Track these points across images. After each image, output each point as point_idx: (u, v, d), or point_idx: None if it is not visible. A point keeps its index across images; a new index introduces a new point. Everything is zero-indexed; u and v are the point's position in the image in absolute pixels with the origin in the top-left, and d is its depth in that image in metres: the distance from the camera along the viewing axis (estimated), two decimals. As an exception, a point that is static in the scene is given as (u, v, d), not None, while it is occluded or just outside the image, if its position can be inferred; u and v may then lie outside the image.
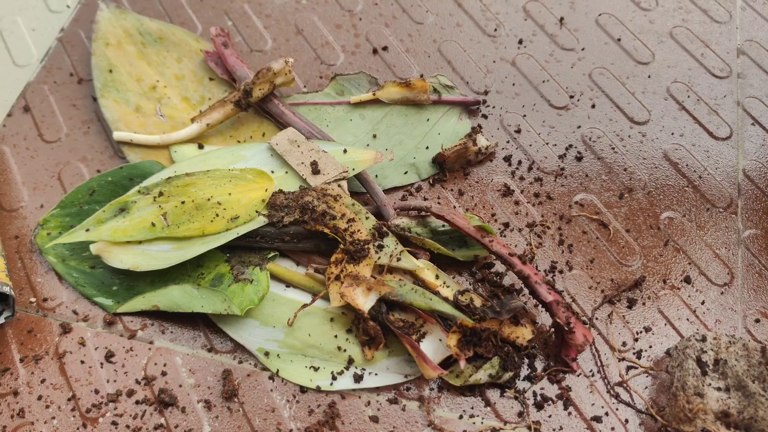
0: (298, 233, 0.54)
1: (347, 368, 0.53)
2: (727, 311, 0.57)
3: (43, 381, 0.53)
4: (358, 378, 0.53)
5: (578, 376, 0.54)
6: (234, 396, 0.53)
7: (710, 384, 0.51)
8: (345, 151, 0.59)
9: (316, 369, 0.53)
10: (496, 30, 0.73)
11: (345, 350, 0.53)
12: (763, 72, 0.70)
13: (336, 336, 0.53)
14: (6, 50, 0.70)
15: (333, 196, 0.54)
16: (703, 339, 0.54)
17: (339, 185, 0.55)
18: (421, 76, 0.67)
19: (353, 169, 0.58)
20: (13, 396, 0.53)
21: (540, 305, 0.54)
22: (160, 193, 0.54)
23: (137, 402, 0.53)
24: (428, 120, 0.65)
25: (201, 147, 0.62)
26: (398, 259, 0.53)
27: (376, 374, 0.53)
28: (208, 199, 0.54)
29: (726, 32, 0.73)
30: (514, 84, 0.69)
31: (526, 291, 0.56)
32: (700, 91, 0.69)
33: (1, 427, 0.51)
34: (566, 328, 0.51)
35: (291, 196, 0.55)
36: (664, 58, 0.71)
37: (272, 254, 0.55)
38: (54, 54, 0.70)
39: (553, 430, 0.52)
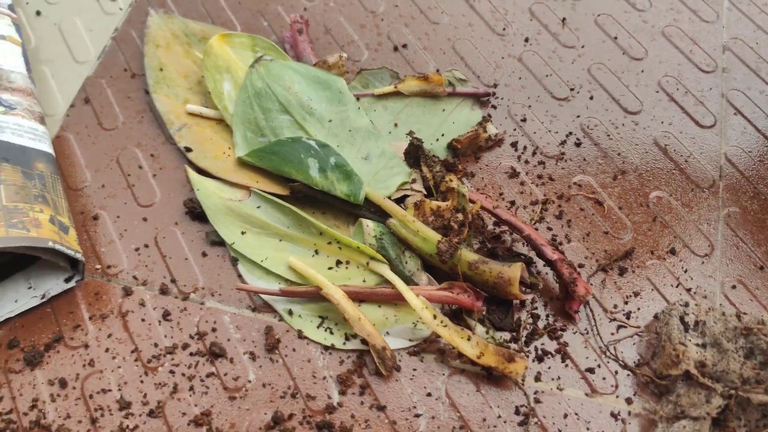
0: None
1: (356, 335, 0.59)
2: (708, 279, 0.62)
3: (109, 336, 0.60)
4: (365, 341, 0.58)
5: (574, 333, 0.59)
6: (275, 348, 0.59)
7: (690, 340, 0.56)
8: None
9: (332, 332, 0.59)
10: (504, 29, 0.78)
11: (359, 318, 0.58)
12: (746, 67, 0.75)
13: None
14: (67, 49, 0.76)
15: None
16: (686, 305, 0.59)
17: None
18: (437, 70, 0.73)
19: None
20: (84, 348, 0.59)
21: (545, 264, 0.60)
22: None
23: (191, 354, 0.59)
24: (444, 110, 0.71)
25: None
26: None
27: (386, 334, 0.59)
28: None
29: (713, 30, 0.78)
30: (520, 78, 0.74)
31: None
32: (688, 84, 0.74)
33: (75, 374, 0.58)
34: (569, 282, 0.57)
35: None
36: (656, 54, 0.76)
37: None
38: (109, 52, 0.76)
39: (552, 379, 0.57)
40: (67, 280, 0.61)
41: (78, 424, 0.55)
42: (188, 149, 0.68)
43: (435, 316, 0.57)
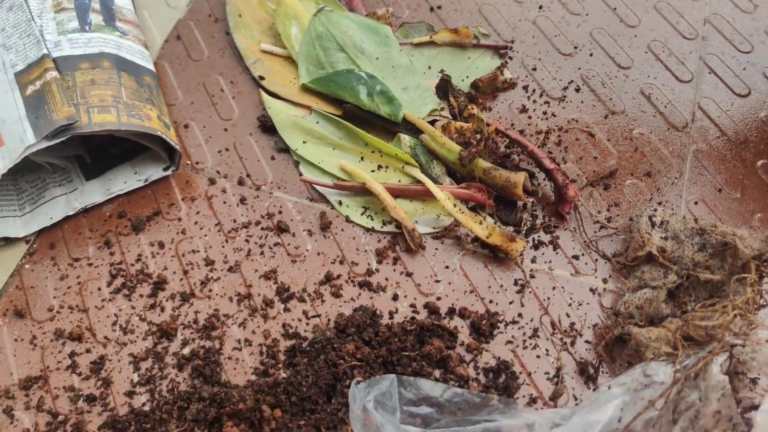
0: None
1: (391, 222, 0.73)
2: (675, 196, 0.77)
3: (197, 213, 0.75)
4: (399, 226, 0.73)
5: (564, 230, 0.74)
6: (327, 228, 0.74)
7: (656, 234, 0.71)
8: None
9: (372, 219, 0.74)
10: (522, -2, 0.93)
11: (395, 206, 0.73)
12: (722, 36, 0.89)
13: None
14: (163, -4, 0.92)
15: None
16: (655, 209, 0.74)
17: None
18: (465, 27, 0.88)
19: None
20: (177, 221, 0.74)
21: (544, 174, 0.75)
22: None
23: (262, 228, 0.74)
24: (469, 58, 0.86)
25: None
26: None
27: (415, 223, 0.74)
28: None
29: (697, 7, 0.92)
30: (533, 37, 0.89)
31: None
32: (673, 48, 0.88)
33: (170, 239, 0.73)
34: (562, 186, 0.72)
35: None
36: (647, 23, 0.90)
37: None
38: (197, 0, 0.92)
39: (545, 262, 0.72)
40: (165, 170, 0.77)
41: (173, 274, 0.71)
42: (261, 78, 0.84)
43: (455, 205, 0.72)
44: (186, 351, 0.66)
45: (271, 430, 0.60)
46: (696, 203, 0.76)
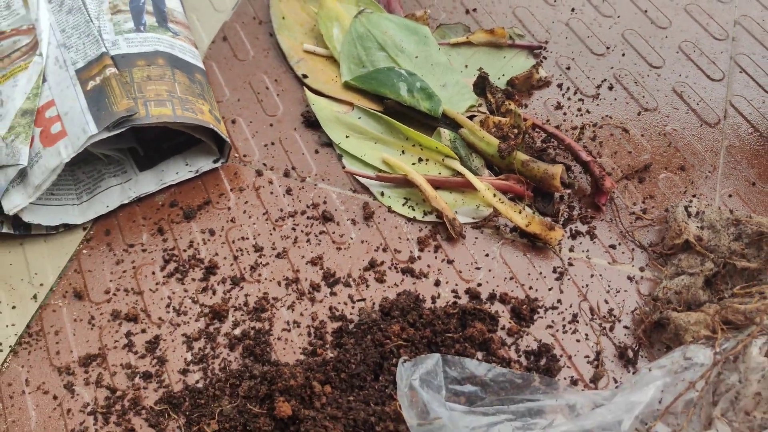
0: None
1: (432, 212, 0.76)
2: (710, 189, 0.78)
3: (246, 202, 0.78)
4: (439, 216, 0.75)
5: (601, 221, 0.76)
6: (371, 217, 0.76)
7: (692, 223, 0.72)
8: None
9: (413, 209, 0.77)
10: (555, 1, 0.95)
11: (436, 196, 0.75)
12: (752, 37, 0.91)
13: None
14: (210, 1, 0.96)
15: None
16: (690, 201, 0.75)
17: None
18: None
19: None
20: (227, 210, 0.77)
21: (580, 167, 0.76)
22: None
23: (308, 217, 0.76)
24: (504, 57, 0.88)
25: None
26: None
27: (455, 213, 0.76)
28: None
29: (727, 9, 0.94)
30: (566, 38, 0.91)
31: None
32: (704, 48, 0.90)
33: (221, 226, 0.76)
34: (599, 178, 0.73)
35: None
36: (678, 25, 0.92)
37: None
38: (241, 4, 0.95)
39: (582, 251, 0.74)
40: (215, 162, 0.79)
41: (224, 260, 0.73)
42: (305, 76, 0.87)
43: (494, 195, 0.74)
44: (237, 332, 0.68)
45: (322, 404, 0.61)
46: (730, 196, 0.77)
